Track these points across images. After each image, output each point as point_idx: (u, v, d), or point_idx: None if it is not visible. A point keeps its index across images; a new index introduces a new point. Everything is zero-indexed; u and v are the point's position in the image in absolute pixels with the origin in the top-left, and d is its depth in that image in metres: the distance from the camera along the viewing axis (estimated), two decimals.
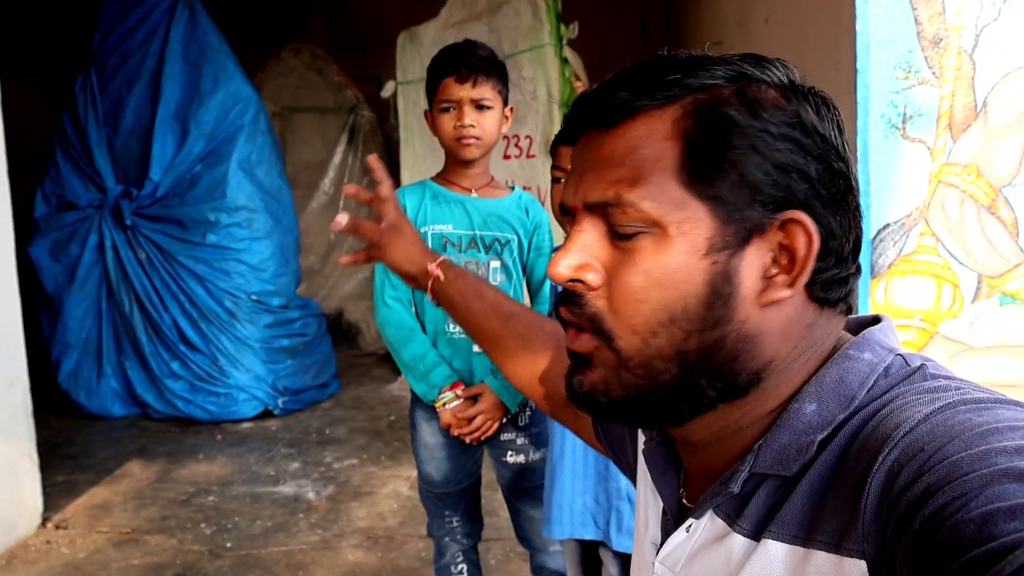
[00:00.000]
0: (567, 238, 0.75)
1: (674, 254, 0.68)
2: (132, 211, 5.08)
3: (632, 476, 1.02)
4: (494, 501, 3.49)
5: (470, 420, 2.15)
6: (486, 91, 2.12)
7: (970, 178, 2.36)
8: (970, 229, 2.37)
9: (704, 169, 0.67)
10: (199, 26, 5.26)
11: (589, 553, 2.06)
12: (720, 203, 0.67)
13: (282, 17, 7.31)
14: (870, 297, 2.39)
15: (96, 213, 5.18)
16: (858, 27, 2.34)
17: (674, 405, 0.72)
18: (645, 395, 0.71)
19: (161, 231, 5.10)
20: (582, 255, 0.73)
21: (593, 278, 0.72)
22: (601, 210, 0.71)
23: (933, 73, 2.34)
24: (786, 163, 0.67)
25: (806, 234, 0.68)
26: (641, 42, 6.96)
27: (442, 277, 1.24)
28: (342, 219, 1.24)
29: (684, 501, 0.81)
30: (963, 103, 2.34)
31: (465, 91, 2.09)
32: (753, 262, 0.68)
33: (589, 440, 1.14)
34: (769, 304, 0.69)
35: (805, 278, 0.69)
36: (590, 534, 1.90)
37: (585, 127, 0.75)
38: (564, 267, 0.73)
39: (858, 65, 2.35)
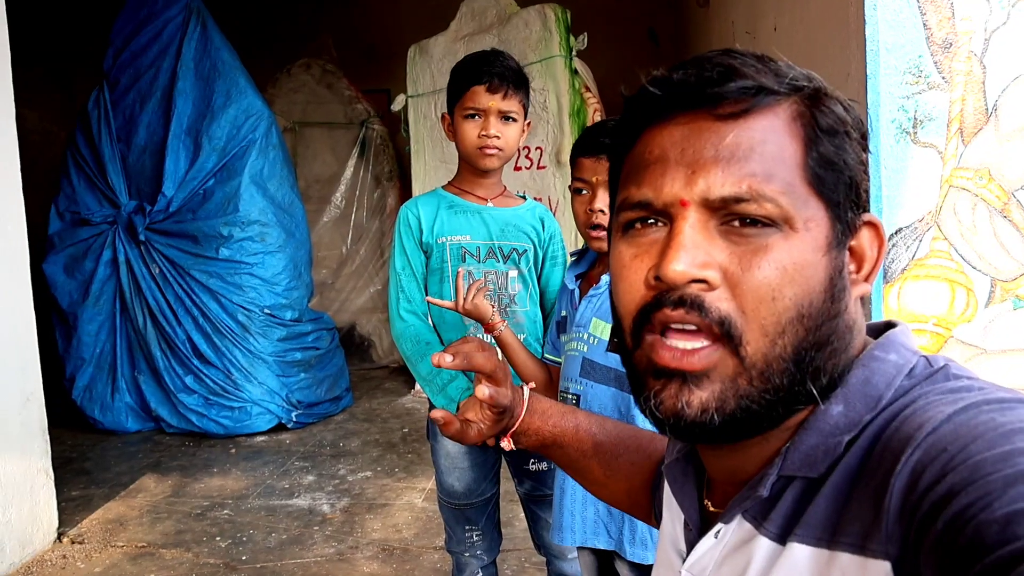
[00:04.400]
0: (672, 234, 0.68)
1: (804, 250, 0.67)
2: (145, 226, 5.11)
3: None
4: (508, 512, 3.49)
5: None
6: (513, 104, 2.11)
7: (982, 182, 2.35)
8: (982, 233, 2.36)
9: (824, 168, 0.69)
10: (211, 42, 5.30)
11: (605, 564, 2.04)
12: (834, 202, 0.69)
13: (292, 32, 7.36)
14: (883, 302, 2.38)
15: (110, 229, 5.22)
16: (867, 33, 2.34)
17: (775, 409, 0.68)
18: (755, 402, 0.67)
19: (174, 246, 5.13)
20: (700, 251, 0.67)
21: (715, 276, 0.66)
22: (718, 205, 0.67)
23: (943, 78, 2.34)
24: (864, 166, 0.72)
25: (878, 238, 0.73)
26: (650, 52, 6.97)
27: (512, 447, 1.14)
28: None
29: (710, 508, 0.81)
30: (973, 107, 2.34)
31: (494, 101, 2.08)
32: (847, 260, 0.71)
33: (648, 519, 1.10)
34: (858, 298, 0.72)
35: (876, 275, 0.72)
36: (603, 543, 1.88)
37: (670, 112, 0.71)
38: (686, 265, 0.66)
39: (868, 71, 2.35)
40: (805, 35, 2.95)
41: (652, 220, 0.72)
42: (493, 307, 1.94)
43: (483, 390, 1.02)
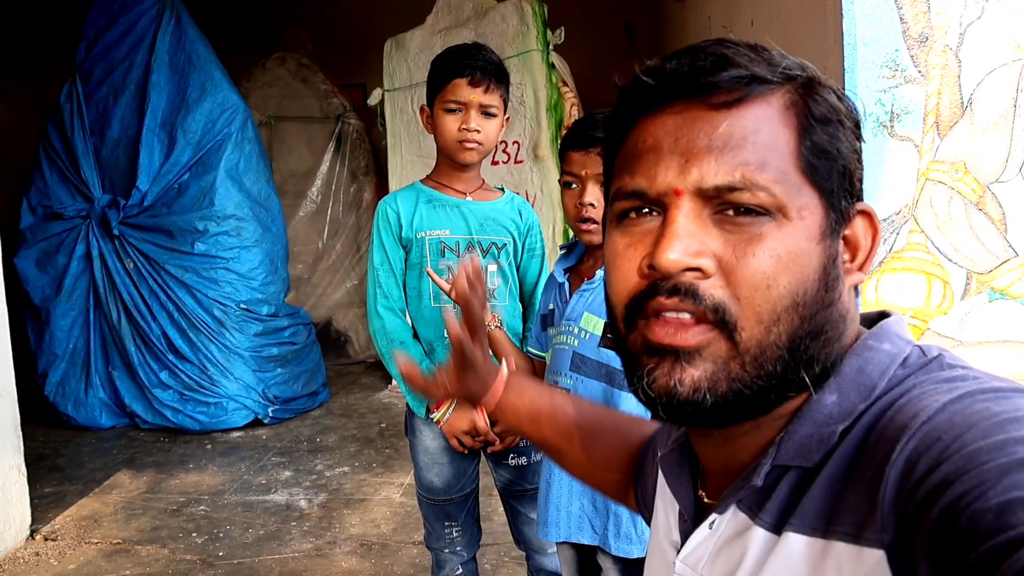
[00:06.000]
0: (665, 223, 0.69)
1: (798, 238, 0.67)
2: (119, 220, 5.06)
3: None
4: (487, 506, 3.49)
5: (476, 434, 2.15)
6: (494, 98, 2.11)
7: (957, 175, 2.37)
8: (958, 226, 2.39)
9: (817, 156, 0.69)
10: (186, 35, 5.25)
11: (585, 558, 2.03)
12: (827, 191, 0.69)
13: (267, 26, 7.30)
14: (861, 295, 2.40)
15: (83, 223, 5.16)
16: (844, 27, 2.35)
17: (767, 396, 0.69)
18: (747, 387, 0.67)
19: (149, 240, 5.08)
20: (694, 240, 0.67)
21: (709, 264, 0.67)
22: (712, 194, 0.67)
23: (919, 71, 2.36)
24: (858, 154, 0.72)
25: (873, 226, 0.73)
26: (626, 47, 6.98)
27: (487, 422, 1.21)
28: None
29: (705, 499, 0.81)
30: (949, 100, 2.36)
31: (476, 95, 2.07)
32: (841, 249, 0.72)
33: (630, 505, 1.10)
34: (852, 287, 0.73)
35: (870, 264, 0.73)
36: (587, 538, 1.87)
37: (664, 102, 0.71)
38: (680, 254, 0.66)
39: (845, 65, 2.37)
40: (782, 29, 2.96)
41: (646, 209, 0.72)
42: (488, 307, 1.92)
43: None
